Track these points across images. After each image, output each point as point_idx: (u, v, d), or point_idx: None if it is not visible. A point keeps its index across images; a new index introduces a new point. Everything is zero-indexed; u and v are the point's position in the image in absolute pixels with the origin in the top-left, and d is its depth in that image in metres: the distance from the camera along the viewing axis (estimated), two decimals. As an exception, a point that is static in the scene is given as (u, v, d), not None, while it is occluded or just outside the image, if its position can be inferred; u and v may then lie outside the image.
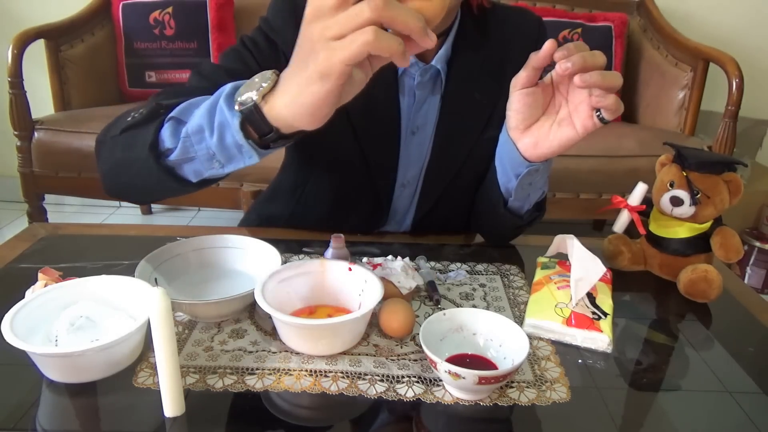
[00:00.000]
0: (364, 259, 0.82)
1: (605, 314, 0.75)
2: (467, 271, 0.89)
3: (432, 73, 0.92)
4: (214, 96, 0.62)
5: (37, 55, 2.15)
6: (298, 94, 0.54)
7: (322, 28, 0.51)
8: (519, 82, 0.72)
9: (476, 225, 1.03)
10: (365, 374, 0.65)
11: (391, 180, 0.98)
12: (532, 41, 0.96)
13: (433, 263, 0.90)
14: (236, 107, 0.58)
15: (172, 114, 0.65)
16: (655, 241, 0.90)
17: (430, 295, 0.81)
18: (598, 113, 0.68)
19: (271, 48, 0.89)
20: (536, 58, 0.69)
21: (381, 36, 0.49)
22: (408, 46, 0.51)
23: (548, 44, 0.66)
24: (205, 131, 0.62)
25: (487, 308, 0.79)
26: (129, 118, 0.69)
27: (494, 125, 0.90)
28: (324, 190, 1.01)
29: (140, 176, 0.69)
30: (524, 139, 0.75)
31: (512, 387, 0.65)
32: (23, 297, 0.68)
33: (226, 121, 0.59)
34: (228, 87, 0.61)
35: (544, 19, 2.56)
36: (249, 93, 0.57)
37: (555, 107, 0.74)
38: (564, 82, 0.72)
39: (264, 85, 0.57)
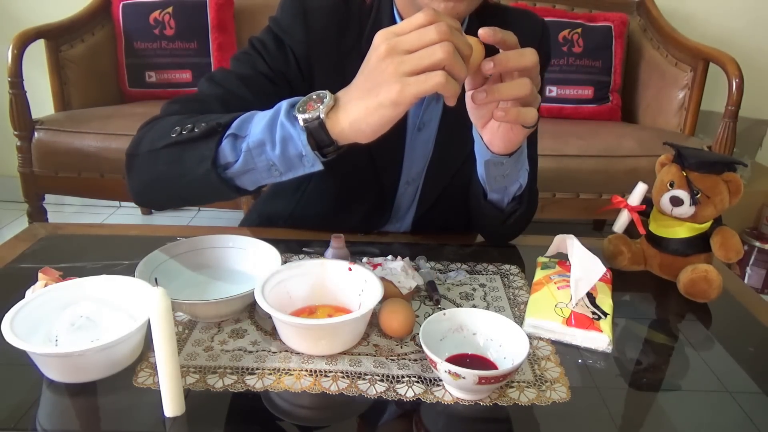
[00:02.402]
0: (364, 259, 0.82)
1: (605, 314, 0.75)
2: (467, 271, 0.89)
3: None
4: (271, 112, 0.68)
5: (37, 55, 2.15)
6: (367, 116, 0.61)
7: (397, 63, 0.58)
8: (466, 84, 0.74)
9: (473, 222, 1.03)
10: (365, 374, 0.65)
11: (396, 177, 0.99)
12: (535, 42, 0.98)
13: (433, 263, 0.90)
14: (301, 123, 0.65)
15: (230, 131, 0.70)
16: (655, 241, 0.90)
17: (430, 295, 0.81)
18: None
19: (280, 48, 0.90)
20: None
21: (449, 80, 0.58)
22: None
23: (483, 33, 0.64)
24: (266, 145, 0.67)
25: (487, 308, 0.79)
26: (173, 134, 0.73)
27: None
28: (327, 189, 1.01)
29: (192, 188, 0.75)
30: (484, 135, 0.78)
31: (512, 387, 0.65)
32: (23, 297, 0.68)
33: (290, 135, 0.66)
34: (284, 104, 0.68)
35: (544, 19, 2.54)
36: (313, 111, 0.64)
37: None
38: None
39: (329, 103, 0.64)
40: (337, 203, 1.02)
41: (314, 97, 0.65)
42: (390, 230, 1.05)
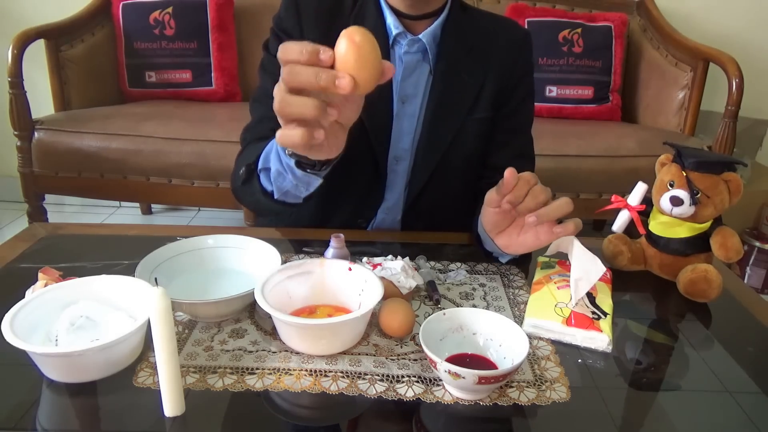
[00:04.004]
0: (364, 259, 0.82)
1: (605, 314, 0.75)
2: (467, 271, 0.89)
3: (419, 47, 0.98)
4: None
5: (37, 55, 2.15)
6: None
7: (279, 100, 0.61)
8: (491, 201, 0.78)
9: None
10: (365, 374, 0.65)
11: (386, 149, 1.01)
12: (516, 44, 1.04)
13: (433, 263, 0.90)
14: (287, 150, 0.73)
15: (259, 167, 0.85)
16: (655, 241, 0.90)
17: (430, 295, 0.81)
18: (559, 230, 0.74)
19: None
20: (498, 197, 0.75)
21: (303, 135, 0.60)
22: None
23: (507, 176, 0.72)
24: (282, 173, 0.78)
25: (487, 308, 0.79)
26: (240, 178, 0.89)
27: (481, 107, 1.00)
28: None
29: (272, 210, 0.91)
30: (498, 241, 0.83)
31: (512, 387, 0.65)
32: (23, 297, 0.68)
33: (287, 163, 0.76)
34: None
35: (544, 19, 2.54)
36: None
37: (520, 219, 0.79)
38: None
39: None
40: (336, 177, 1.02)
41: None
42: (383, 223, 1.06)
